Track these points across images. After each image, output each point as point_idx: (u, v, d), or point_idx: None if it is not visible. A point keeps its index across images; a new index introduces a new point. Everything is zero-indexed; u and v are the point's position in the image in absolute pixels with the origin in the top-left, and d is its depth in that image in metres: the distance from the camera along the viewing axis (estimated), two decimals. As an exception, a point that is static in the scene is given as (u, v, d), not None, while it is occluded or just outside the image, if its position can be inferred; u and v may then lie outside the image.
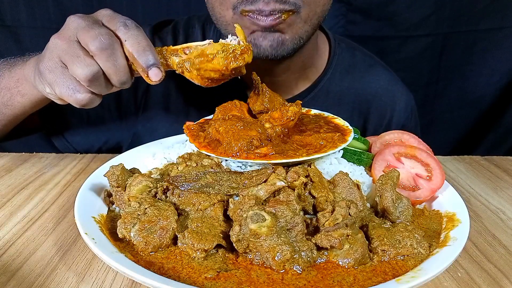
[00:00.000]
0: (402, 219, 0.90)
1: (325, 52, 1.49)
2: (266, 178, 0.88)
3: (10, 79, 1.15)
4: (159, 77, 0.91)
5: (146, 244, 0.80)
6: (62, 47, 0.90)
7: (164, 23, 1.51)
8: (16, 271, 0.80)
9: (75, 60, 0.88)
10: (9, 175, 1.22)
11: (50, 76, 0.92)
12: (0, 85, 1.18)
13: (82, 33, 0.89)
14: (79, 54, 0.88)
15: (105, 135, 1.49)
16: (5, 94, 1.18)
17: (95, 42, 0.87)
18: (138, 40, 0.89)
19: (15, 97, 1.17)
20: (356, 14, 2.12)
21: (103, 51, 0.87)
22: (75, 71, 0.88)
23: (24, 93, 1.14)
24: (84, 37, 0.88)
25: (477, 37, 2.14)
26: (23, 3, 2.02)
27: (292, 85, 1.45)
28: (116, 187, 0.94)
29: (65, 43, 0.90)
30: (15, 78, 1.14)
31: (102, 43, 0.87)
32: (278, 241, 0.76)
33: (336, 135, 1.01)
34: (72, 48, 0.89)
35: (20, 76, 1.13)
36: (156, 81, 0.91)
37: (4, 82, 1.17)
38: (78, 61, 0.88)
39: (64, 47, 0.90)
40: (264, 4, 1.09)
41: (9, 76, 1.16)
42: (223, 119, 1.03)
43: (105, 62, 0.88)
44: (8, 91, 1.17)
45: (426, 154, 1.08)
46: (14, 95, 1.16)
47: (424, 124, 2.06)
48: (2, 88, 1.18)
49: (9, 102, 1.18)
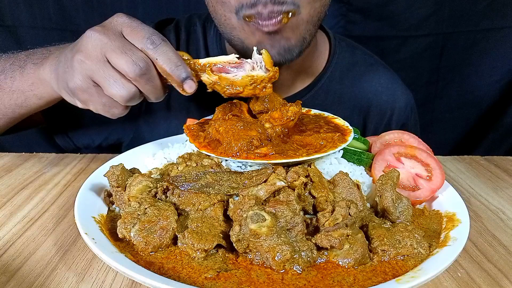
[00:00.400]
0: (402, 219, 0.90)
1: (325, 51, 1.49)
2: (266, 178, 0.88)
3: (23, 82, 1.15)
4: (193, 89, 0.95)
5: (146, 244, 0.80)
6: (92, 67, 0.91)
7: (166, 21, 1.51)
8: (16, 271, 0.80)
9: (111, 82, 0.91)
10: (9, 175, 1.22)
11: (83, 95, 0.95)
12: (12, 87, 1.17)
13: (113, 56, 0.90)
14: (115, 77, 0.91)
15: (107, 131, 1.50)
16: (18, 97, 1.17)
17: (133, 69, 0.89)
18: (168, 56, 0.92)
19: (31, 99, 1.16)
20: (356, 14, 2.12)
21: (142, 77, 0.91)
22: (112, 92, 0.91)
23: (41, 96, 1.15)
24: (117, 62, 0.90)
25: (477, 37, 2.14)
26: (23, 3, 2.02)
27: (291, 83, 1.45)
28: (116, 187, 0.94)
29: (94, 64, 0.91)
30: (29, 82, 1.13)
31: (140, 70, 0.90)
32: (278, 241, 0.76)
33: (336, 135, 1.01)
34: (104, 70, 0.91)
35: (34, 80, 1.12)
36: (191, 93, 0.96)
37: (16, 84, 1.16)
38: (114, 84, 0.91)
39: (94, 68, 0.91)
40: (262, 7, 1.09)
41: (21, 79, 1.15)
42: (223, 119, 1.03)
43: (144, 86, 0.93)
44: (22, 94, 1.16)
45: (426, 154, 1.08)
46: (30, 97, 1.16)
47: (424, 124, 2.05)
48: (15, 91, 1.17)
49: (24, 104, 1.18)
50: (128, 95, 0.92)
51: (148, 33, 0.93)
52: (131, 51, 0.91)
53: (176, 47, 1.46)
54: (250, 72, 0.99)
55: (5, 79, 1.17)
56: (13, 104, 1.19)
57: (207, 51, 1.46)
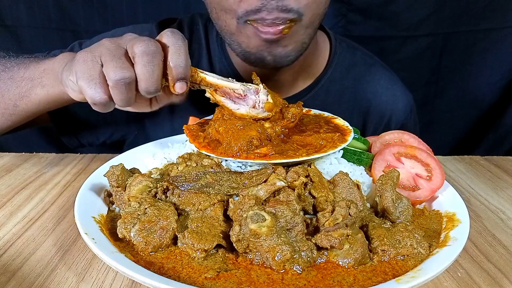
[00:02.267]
0: (402, 219, 0.90)
1: (325, 51, 1.49)
2: (266, 178, 0.88)
3: (35, 70, 1.17)
4: (183, 91, 0.96)
5: (146, 244, 0.80)
6: (108, 47, 0.94)
7: (168, 21, 1.52)
8: (16, 271, 0.80)
9: (113, 60, 0.91)
10: (9, 175, 1.22)
11: (80, 66, 0.94)
12: (24, 75, 1.18)
13: (132, 41, 0.94)
14: (120, 57, 0.92)
15: (112, 128, 1.50)
16: (26, 84, 1.18)
17: (141, 46, 0.91)
18: (180, 51, 0.94)
19: (35, 88, 1.17)
20: (356, 14, 2.12)
21: (144, 55, 0.91)
22: (108, 70, 0.91)
23: (45, 84, 1.15)
24: (132, 42, 0.93)
25: (477, 37, 2.14)
26: (23, 3, 2.02)
27: (291, 83, 1.45)
28: (116, 187, 0.94)
29: (112, 46, 0.94)
30: (42, 69, 1.15)
31: (146, 47, 0.91)
32: (278, 241, 0.76)
33: (336, 135, 1.01)
34: (116, 51, 0.93)
35: (47, 66, 1.14)
36: (179, 93, 0.96)
37: (29, 73, 1.18)
38: (115, 62, 0.91)
39: (110, 47, 0.94)
40: (267, 13, 1.09)
41: (35, 67, 1.17)
42: (223, 119, 1.03)
43: (141, 67, 0.91)
44: (30, 81, 1.17)
45: (426, 154, 1.08)
46: (35, 86, 1.17)
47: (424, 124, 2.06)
48: (25, 78, 1.18)
49: (27, 93, 1.18)
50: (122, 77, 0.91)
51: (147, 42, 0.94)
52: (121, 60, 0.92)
53: None
54: (250, 110, 1.03)
55: (18, 70, 1.20)
56: (17, 94, 1.19)
57: (209, 51, 1.46)
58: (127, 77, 0.91)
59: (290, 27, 1.12)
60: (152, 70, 0.92)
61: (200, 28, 1.48)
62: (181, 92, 0.96)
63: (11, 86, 1.20)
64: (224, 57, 1.44)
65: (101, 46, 0.94)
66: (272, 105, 1.03)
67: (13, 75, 1.20)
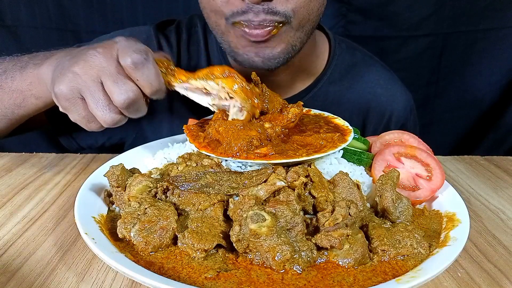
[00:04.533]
0: (402, 219, 0.90)
1: (324, 52, 1.49)
2: (266, 178, 0.88)
3: (22, 81, 1.15)
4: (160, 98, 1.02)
5: (146, 244, 0.80)
6: (85, 84, 0.95)
7: (167, 22, 1.52)
8: (16, 271, 0.80)
9: (99, 105, 0.95)
10: (9, 175, 1.22)
11: (65, 103, 0.98)
12: (12, 87, 1.17)
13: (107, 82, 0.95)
14: (104, 102, 0.95)
15: (110, 130, 1.50)
16: (17, 97, 1.17)
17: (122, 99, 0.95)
18: (148, 79, 0.97)
19: (29, 99, 1.17)
20: (356, 14, 2.12)
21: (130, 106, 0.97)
22: (98, 114, 0.96)
23: (38, 96, 1.15)
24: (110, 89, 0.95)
25: (477, 37, 2.14)
26: (23, 3, 2.02)
27: (290, 84, 1.45)
28: (116, 187, 0.94)
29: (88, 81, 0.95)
30: (28, 81, 1.14)
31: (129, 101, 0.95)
32: (278, 241, 0.75)
33: (336, 135, 1.01)
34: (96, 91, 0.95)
35: (33, 79, 1.13)
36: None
37: (16, 84, 1.17)
38: (102, 108, 0.96)
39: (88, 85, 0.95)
40: (254, 15, 1.09)
41: (20, 78, 1.16)
42: (223, 119, 1.03)
43: (130, 113, 0.98)
44: (20, 94, 1.17)
45: (426, 154, 1.08)
46: (28, 97, 1.16)
47: (424, 124, 2.06)
48: (14, 90, 1.17)
49: (23, 104, 1.19)
50: (112, 121, 0.97)
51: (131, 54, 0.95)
52: (122, 81, 0.95)
53: (177, 48, 1.46)
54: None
55: (5, 79, 1.18)
56: (12, 104, 1.19)
57: (208, 53, 1.46)
58: (132, 97, 0.95)
59: (278, 27, 1.12)
60: (141, 112, 1.00)
61: (199, 30, 1.48)
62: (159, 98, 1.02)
63: (4, 96, 1.19)
64: (222, 58, 1.44)
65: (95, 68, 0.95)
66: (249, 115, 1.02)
67: (2, 85, 1.19)
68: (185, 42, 1.47)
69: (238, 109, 1.01)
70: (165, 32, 1.47)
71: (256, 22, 1.10)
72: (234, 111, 1.01)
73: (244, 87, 1.00)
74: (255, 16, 1.09)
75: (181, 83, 1.03)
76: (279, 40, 1.17)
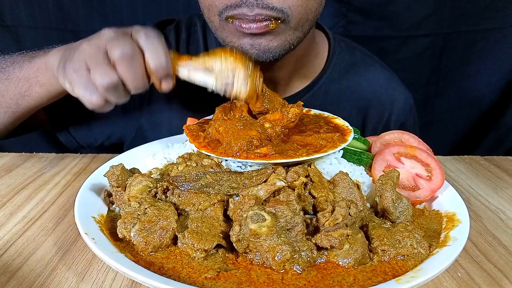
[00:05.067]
0: (402, 219, 0.90)
1: (324, 52, 1.49)
2: (266, 178, 0.88)
3: (29, 69, 1.18)
4: (170, 88, 1.00)
5: (146, 244, 0.80)
6: (90, 52, 0.96)
7: (167, 22, 1.52)
8: (16, 271, 0.80)
9: (97, 67, 0.94)
10: (9, 175, 1.22)
11: (73, 75, 0.98)
12: (19, 75, 1.19)
13: (109, 43, 0.96)
14: (102, 63, 0.94)
15: (109, 129, 1.50)
16: (23, 85, 1.19)
17: (117, 51, 0.93)
18: (156, 51, 0.96)
19: (34, 87, 1.18)
20: (356, 14, 2.12)
21: (123, 60, 0.94)
22: (95, 77, 0.94)
23: (43, 82, 1.16)
24: (109, 47, 0.95)
25: (477, 37, 2.14)
26: (23, 3, 2.01)
27: (289, 83, 1.44)
28: (116, 187, 0.94)
29: (93, 50, 0.96)
30: (35, 68, 1.16)
31: (123, 52, 0.93)
32: (278, 241, 0.76)
33: (336, 135, 1.01)
34: (98, 56, 0.95)
35: (40, 65, 1.15)
36: (166, 91, 1.00)
37: (23, 72, 1.19)
38: (99, 69, 0.94)
39: (92, 52, 0.96)
40: (248, 9, 1.09)
41: (28, 66, 1.18)
42: (223, 119, 1.03)
43: (123, 72, 0.95)
44: (26, 82, 1.18)
45: (426, 154, 1.08)
46: (33, 85, 1.18)
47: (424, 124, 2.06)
48: (21, 79, 1.19)
49: (27, 93, 1.20)
50: (108, 82, 0.94)
51: (148, 30, 0.97)
52: (124, 39, 0.95)
53: (176, 47, 1.46)
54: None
55: (13, 70, 1.21)
56: (17, 93, 1.20)
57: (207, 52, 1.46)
58: (112, 82, 0.94)
59: (276, 22, 1.11)
60: (135, 73, 0.95)
61: (198, 29, 1.48)
62: (168, 90, 1.00)
63: (10, 86, 1.21)
64: None
65: (83, 52, 0.97)
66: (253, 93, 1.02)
67: (10, 76, 1.21)
68: (184, 41, 1.47)
69: (242, 80, 1.00)
70: (164, 32, 1.47)
71: (251, 16, 1.09)
72: (240, 83, 1.00)
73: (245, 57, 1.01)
74: (249, 10, 1.09)
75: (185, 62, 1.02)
76: (276, 36, 1.16)
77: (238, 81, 1.00)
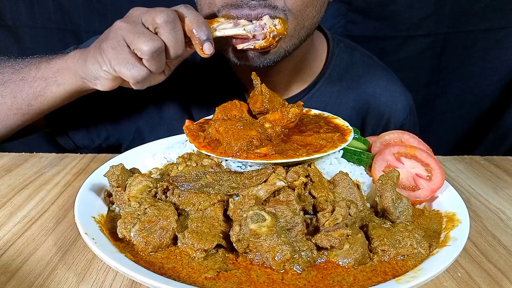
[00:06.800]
0: (402, 219, 0.90)
1: (322, 53, 1.49)
2: (266, 178, 0.88)
3: (48, 69, 1.19)
4: (211, 51, 1.05)
5: (146, 244, 0.80)
6: (127, 27, 1.01)
7: None
8: (16, 271, 0.80)
9: (140, 36, 0.99)
10: (9, 175, 1.22)
11: (112, 52, 1.01)
12: (36, 75, 1.20)
13: (147, 14, 1.01)
14: (144, 31, 1.00)
15: (107, 131, 1.50)
16: (39, 84, 1.20)
17: (162, 16, 0.98)
18: (197, 17, 1.03)
19: (50, 87, 1.19)
20: (356, 14, 2.12)
21: (168, 24, 0.99)
22: (139, 45, 0.98)
23: (60, 82, 1.17)
24: (149, 15, 1.00)
25: (477, 37, 2.14)
26: (23, 3, 2.02)
27: (287, 84, 1.44)
28: (116, 187, 0.94)
29: (130, 25, 1.01)
30: (55, 68, 1.18)
31: (167, 16, 0.99)
32: (278, 241, 0.76)
33: (336, 135, 1.01)
34: (137, 28, 1.00)
35: (60, 66, 1.17)
36: (208, 54, 1.05)
37: (41, 73, 1.19)
38: (143, 37, 0.98)
39: (129, 27, 1.01)
40: (249, 10, 1.09)
41: (46, 67, 1.19)
42: (223, 119, 1.03)
43: (168, 35, 1.00)
44: (44, 81, 1.19)
45: (426, 154, 1.08)
46: (50, 85, 1.19)
47: (424, 124, 2.06)
48: (38, 78, 1.20)
49: (42, 92, 1.20)
50: (154, 47, 0.98)
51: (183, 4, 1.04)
52: (160, 8, 1.00)
53: None
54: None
55: (29, 71, 1.21)
56: (31, 94, 1.21)
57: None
58: (158, 46, 0.99)
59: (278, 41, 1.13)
60: (177, 36, 1.01)
61: None
62: (209, 53, 1.04)
63: (24, 86, 1.21)
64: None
65: (119, 29, 1.01)
66: (285, 24, 1.10)
67: (25, 76, 1.21)
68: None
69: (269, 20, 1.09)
70: None
71: (254, 15, 1.10)
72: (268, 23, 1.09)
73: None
74: (251, 10, 1.09)
75: (217, 24, 1.10)
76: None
77: (267, 21, 1.09)
